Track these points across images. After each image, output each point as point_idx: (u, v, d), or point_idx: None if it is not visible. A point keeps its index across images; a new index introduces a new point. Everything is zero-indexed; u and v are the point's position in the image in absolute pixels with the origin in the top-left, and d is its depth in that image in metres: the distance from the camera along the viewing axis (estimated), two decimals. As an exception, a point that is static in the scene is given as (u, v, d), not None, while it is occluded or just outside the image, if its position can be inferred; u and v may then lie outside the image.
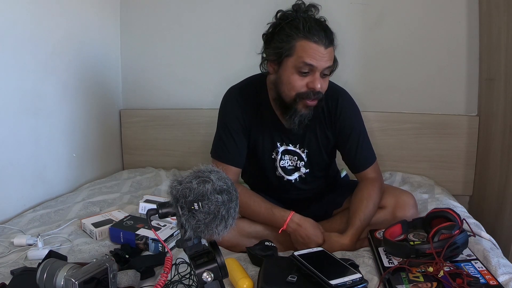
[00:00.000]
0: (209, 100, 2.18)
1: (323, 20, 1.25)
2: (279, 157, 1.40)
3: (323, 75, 1.23)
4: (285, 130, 1.35)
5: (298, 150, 1.39)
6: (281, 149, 1.39)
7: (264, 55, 1.30)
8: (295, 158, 1.40)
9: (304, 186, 1.44)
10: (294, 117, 1.26)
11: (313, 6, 1.24)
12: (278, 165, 1.41)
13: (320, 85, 1.22)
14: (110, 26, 2.23)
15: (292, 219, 1.29)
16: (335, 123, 1.37)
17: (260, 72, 1.36)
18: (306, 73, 1.21)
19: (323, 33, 1.18)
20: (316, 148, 1.39)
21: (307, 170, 1.41)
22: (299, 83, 1.22)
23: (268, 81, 1.35)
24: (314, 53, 1.18)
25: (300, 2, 1.24)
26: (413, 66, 2.03)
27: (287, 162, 1.41)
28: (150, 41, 2.26)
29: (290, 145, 1.39)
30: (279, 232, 1.30)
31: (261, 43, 1.31)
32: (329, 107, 1.36)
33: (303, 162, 1.40)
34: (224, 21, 2.16)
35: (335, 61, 1.27)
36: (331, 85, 1.39)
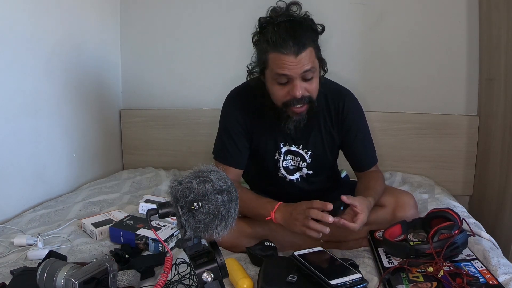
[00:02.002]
0: (209, 100, 2.18)
1: (305, 17, 1.22)
2: (282, 157, 1.40)
3: (307, 78, 1.21)
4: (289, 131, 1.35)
5: (301, 151, 1.39)
6: (284, 149, 1.39)
7: (250, 67, 1.32)
8: (298, 159, 1.40)
9: (306, 186, 1.44)
10: (288, 123, 1.27)
11: (294, 3, 1.22)
12: (280, 165, 1.41)
13: (303, 90, 1.20)
14: (110, 26, 2.23)
15: (279, 208, 1.24)
16: (342, 123, 1.38)
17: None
18: (285, 82, 1.20)
19: (291, 41, 1.15)
20: (321, 148, 1.40)
21: (310, 172, 1.42)
22: (281, 93, 1.23)
23: None
24: (285, 64, 1.17)
25: (276, 5, 1.22)
26: (413, 66, 2.03)
27: (290, 162, 1.41)
28: (150, 41, 2.26)
29: (293, 145, 1.39)
30: (266, 219, 1.25)
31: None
32: (336, 107, 1.37)
33: (305, 163, 1.40)
34: (224, 20, 2.16)
35: (321, 59, 1.24)
36: (336, 86, 1.40)
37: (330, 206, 1.13)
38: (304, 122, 1.28)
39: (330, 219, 1.12)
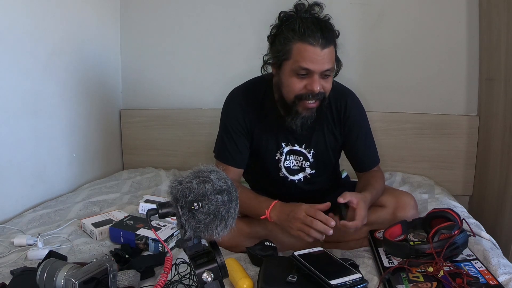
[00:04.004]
0: (210, 100, 2.18)
1: (327, 19, 1.23)
2: (283, 157, 1.40)
3: (325, 76, 1.22)
4: (291, 130, 1.35)
5: (304, 151, 1.39)
6: (286, 149, 1.39)
7: (265, 58, 1.31)
8: (301, 159, 1.40)
9: (307, 187, 1.44)
10: (296, 119, 1.26)
11: (317, 4, 1.23)
12: (282, 165, 1.41)
13: (320, 87, 1.21)
14: (110, 26, 2.23)
15: (275, 206, 1.24)
16: (344, 123, 1.38)
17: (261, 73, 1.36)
18: (305, 75, 1.20)
19: (319, 33, 1.16)
20: (323, 148, 1.40)
21: (313, 171, 1.42)
22: (298, 86, 1.22)
23: (273, 82, 1.36)
24: (310, 56, 1.17)
25: (300, 1, 1.23)
26: (413, 66, 2.03)
27: (292, 162, 1.41)
28: (150, 41, 2.26)
29: (296, 145, 1.39)
30: (261, 218, 1.25)
31: (262, 43, 1.31)
32: (338, 107, 1.37)
33: (308, 163, 1.40)
34: (225, 20, 2.16)
35: (338, 61, 1.26)
36: (338, 86, 1.40)
37: (333, 223, 1.13)
38: (312, 120, 1.28)
39: (331, 231, 1.13)
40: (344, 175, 1.69)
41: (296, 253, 1.09)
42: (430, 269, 1.00)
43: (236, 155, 1.38)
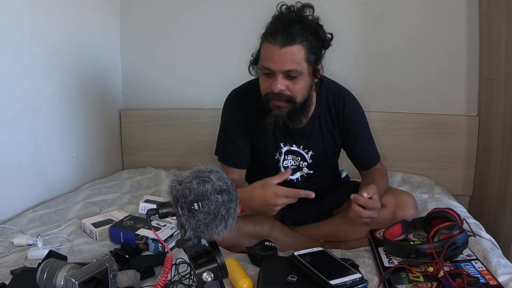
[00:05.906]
0: (210, 100, 2.18)
1: (313, 20, 1.21)
2: (282, 157, 1.40)
3: (289, 77, 1.19)
4: (290, 131, 1.35)
5: (301, 151, 1.39)
6: (284, 149, 1.39)
7: (253, 56, 1.32)
8: (298, 159, 1.41)
9: (305, 186, 1.44)
10: (268, 117, 1.26)
11: (308, 6, 1.21)
12: (281, 165, 1.41)
13: (284, 87, 1.19)
14: (110, 26, 2.23)
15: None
16: (343, 124, 1.38)
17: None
18: (268, 74, 1.21)
19: (281, 32, 1.14)
20: (322, 149, 1.40)
21: (311, 172, 1.42)
22: (265, 84, 1.24)
23: None
24: (269, 55, 1.17)
25: (282, 3, 1.22)
26: (413, 66, 2.03)
27: (290, 162, 1.41)
28: (150, 41, 2.26)
29: (294, 145, 1.39)
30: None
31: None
32: (336, 108, 1.37)
33: (305, 163, 1.40)
34: (224, 21, 2.16)
35: (312, 64, 1.21)
36: (335, 86, 1.40)
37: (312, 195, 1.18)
38: (283, 120, 1.26)
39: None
40: (344, 175, 1.69)
41: (296, 253, 1.09)
42: (430, 269, 1.00)
43: (236, 156, 1.38)
